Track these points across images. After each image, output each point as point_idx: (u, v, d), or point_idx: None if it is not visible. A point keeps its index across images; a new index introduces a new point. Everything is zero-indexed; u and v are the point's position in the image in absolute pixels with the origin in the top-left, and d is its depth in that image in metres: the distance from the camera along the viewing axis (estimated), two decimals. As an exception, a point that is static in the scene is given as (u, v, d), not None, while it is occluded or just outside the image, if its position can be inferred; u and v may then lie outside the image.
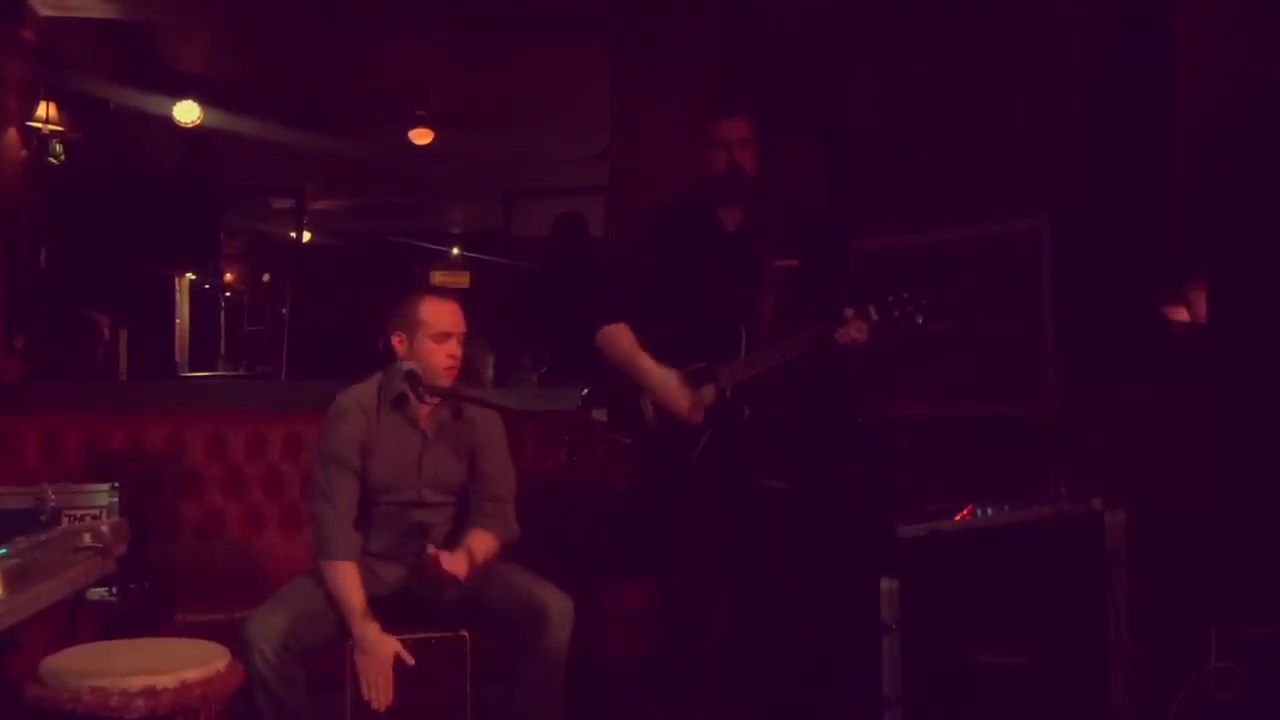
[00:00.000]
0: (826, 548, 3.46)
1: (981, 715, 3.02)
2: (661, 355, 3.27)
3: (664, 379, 3.23)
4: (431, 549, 2.92)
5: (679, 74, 5.05)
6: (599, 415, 3.99)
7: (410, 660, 2.85)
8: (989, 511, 3.10)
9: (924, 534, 3.07)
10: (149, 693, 2.28)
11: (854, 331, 3.16)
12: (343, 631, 2.91)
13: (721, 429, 3.23)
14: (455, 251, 14.17)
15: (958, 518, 3.10)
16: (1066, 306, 3.79)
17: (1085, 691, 2.98)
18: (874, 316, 3.16)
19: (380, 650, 2.84)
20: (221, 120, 8.18)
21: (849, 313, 3.16)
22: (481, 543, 3.03)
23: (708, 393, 3.24)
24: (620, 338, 3.31)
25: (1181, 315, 3.46)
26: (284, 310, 12.66)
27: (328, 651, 2.91)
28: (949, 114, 4.16)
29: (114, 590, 3.34)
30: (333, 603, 2.91)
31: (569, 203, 7.94)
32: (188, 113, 7.90)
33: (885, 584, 3.08)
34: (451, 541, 3.13)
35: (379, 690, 2.81)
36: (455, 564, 2.90)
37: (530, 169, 10.11)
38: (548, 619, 2.91)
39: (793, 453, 3.32)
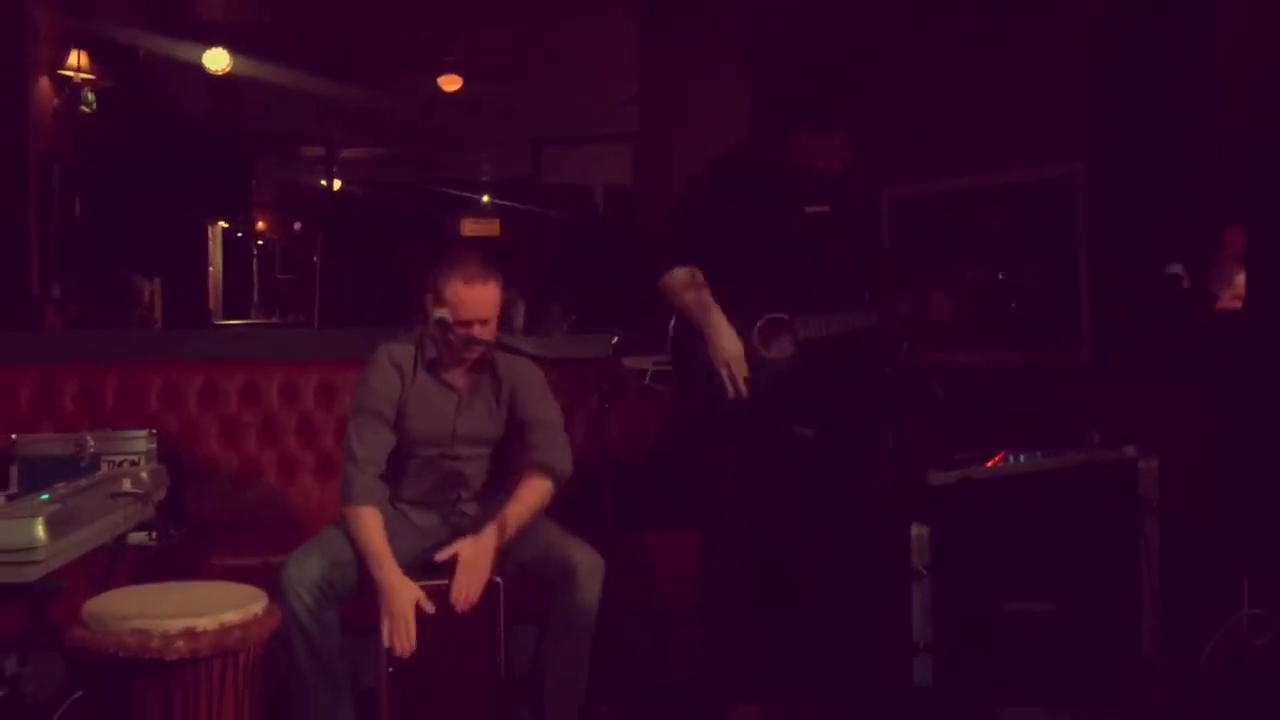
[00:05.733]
0: (855, 495, 3.46)
1: (1012, 661, 3.03)
2: (733, 305, 3.24)
3: (723, 323, 3.20)
4: (440, 556, 2.92)
5: (709, 20, 4.99)
6: (630, 363, 4.00)
7: (430, 608, 2.85)
8: (1021, 459, 3.09)
9: (955, 481, 3.06)
10: (189, 634, 2.31)
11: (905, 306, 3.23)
12: (366, 572, 2.93)
13: (787, 380, 3.23)
14: (485, 199, 14.14)
15: (989, 464, 3.09)
16: (1100, 252, 3.74)
17: (1116, 638, 2.99)
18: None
19: (402, 596, 2.84)
20: (251, 69, 8.17)
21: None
22: (527, 496, 3.03)
23: (785, 344, 3.25)
24: (687, 287, 3.26)
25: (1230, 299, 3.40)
26: (315, 259, 12.70)
27: (361, 596, 2.94)
28: (981, 60, 4.09)
29: (153, 535, 3.40)
30: (355, 546, 2.93)
31: (597, 149, 7.91)
32: (217, 60, 7.90)
33: (916, 530, 3.08)
34: (489, 488, 3.17)
35: (401, 636, 2.82)
36: (465, 593, 2.88)
37: (559, 116, 10.05)
38: (577, 576, 2.92)
39: (822, 401, 3.31)
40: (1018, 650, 3.02)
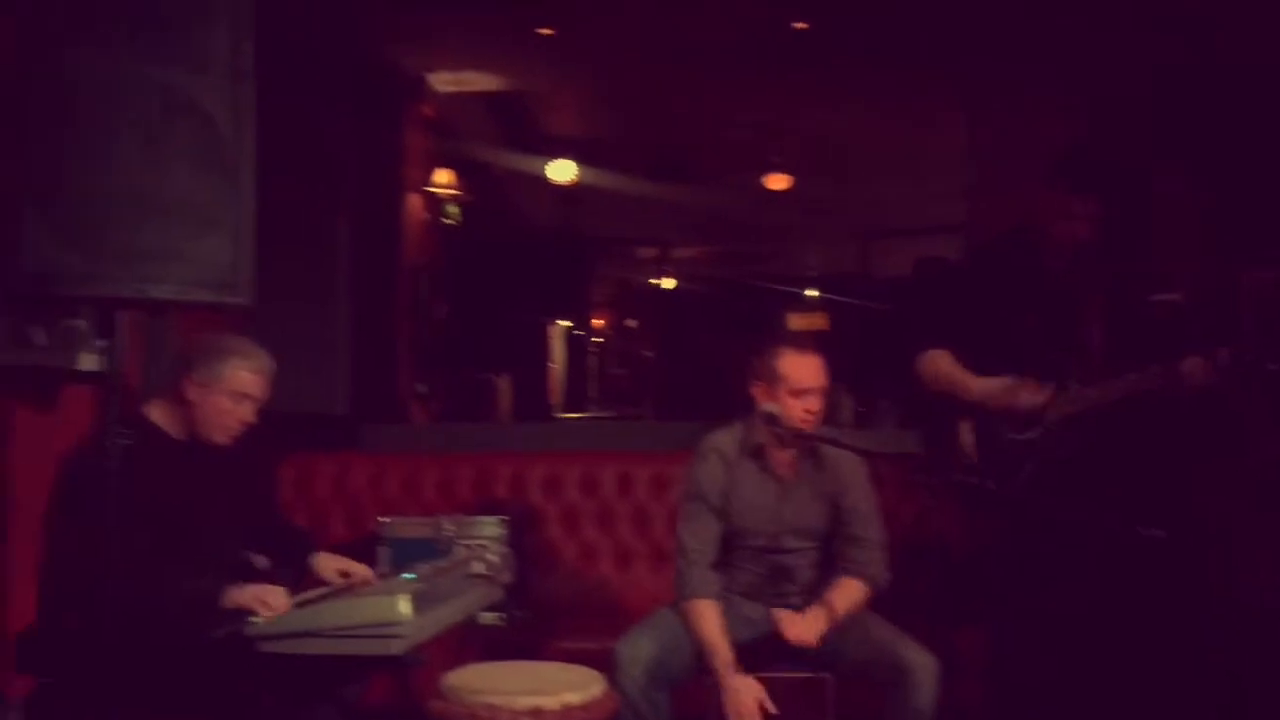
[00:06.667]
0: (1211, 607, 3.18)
1: None
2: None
3: (989, 381, 3.19)
4: (779, 613, 2.94)
5: (1036, 116, 4.88)
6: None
7: (773, 708, 2.84)
8: None
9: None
10: (535, 713, 2.45)
11: (1197, 373, 2.93)
12: (703, 664, 2.98)
13: (1042, 463, 3.13)
14: (813, 293, 14.24)
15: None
16: None
17: None
18: (1225, 361, 2.91)
19: (747, 695, 2.85)
20: (591, 176, 8.71)
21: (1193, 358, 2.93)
22: (846, 592, 3.02)
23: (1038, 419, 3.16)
24: (941, 360, 3.30)
25: None
26: (648, 354, 13.21)
27: (690, 682, 2.99)
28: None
29: (501, 616, 3.62)
30: (693, 639, 2.98)
31: (928, 242, 7.81)
32: (563, 172, 8.48)
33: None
34: (816, 584, 3.15)
35: None
36: (805, 632, 2.91)
37: (888, 210, 10.02)
38: (913, 678, 2.83)
39: (1164, 496, 3.10)
40: None
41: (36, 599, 2.73)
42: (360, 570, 2.91)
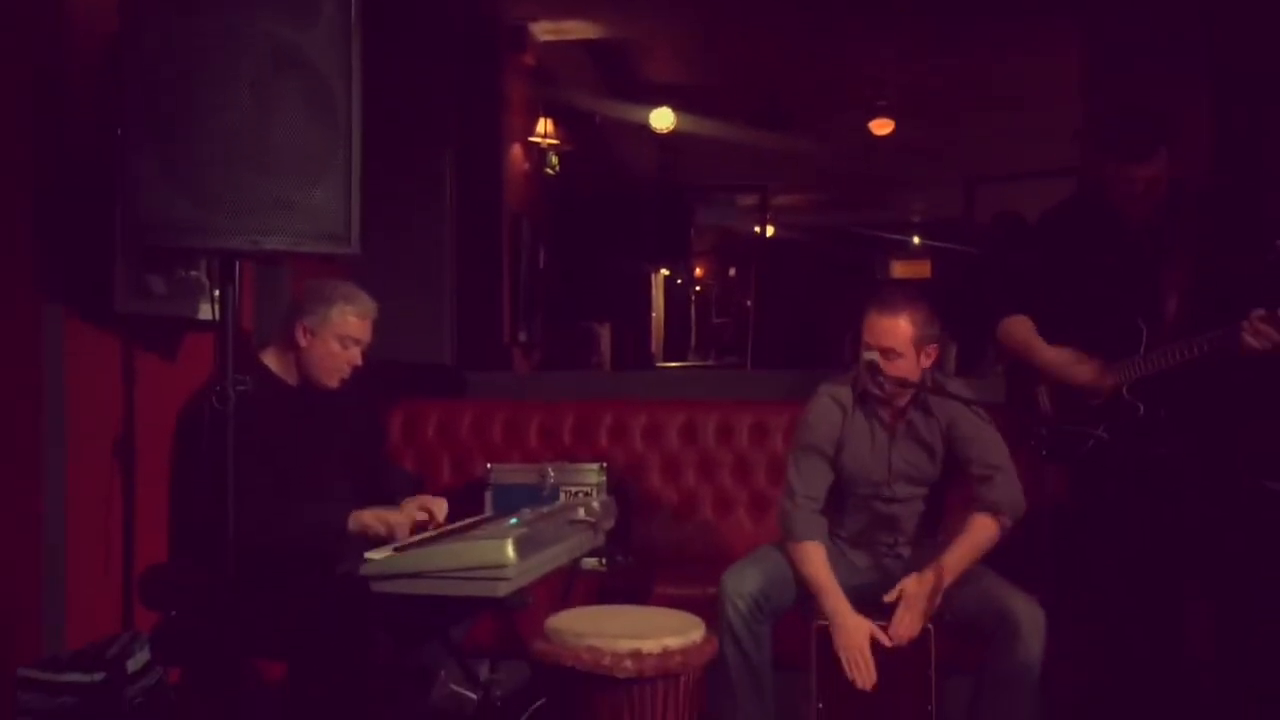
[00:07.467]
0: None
1: None
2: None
3: (1061, 354, 3.20)
4: (888, 596, 2.92)
5: (1154, 57, 4.69)
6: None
7: (888, 641, 2.85)
8: None
9: None
10: (636, 655, 2.49)
11: (1264, 335, 2.82)
12: (805, 603, 3.00)
13: (1115, 426, 3.11)
14: (916, 240, 14.01)
15: None
16: None
17: None
18: None
19: (858, 630, 2.87)
20: (692, 124, 8.66)
21: (1259, 313, 2.82)
22: (973, 539, 2.97)
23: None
24: (1018, 328, 3.30)
25: None
26: (748, 303, 13.16)
27: (792, 616, 3.00)
28: None
29: (603, 561, 3.68)
30: (799, 579, 3.00)
31: (1034, 186, 7.61)
32: (663, 119, 8.44)
33: None
34: (922, 534, 3.14)
35: (860, 670, 2.84)
36: (905, 628, 2.87)
37: (994, 153, 9.78)
38: (1019, 629, 2.80)
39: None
40: None
41: (168, 538, 2.86)
42: (438, 507, 2.98)
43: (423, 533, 2.80)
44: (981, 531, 2.98)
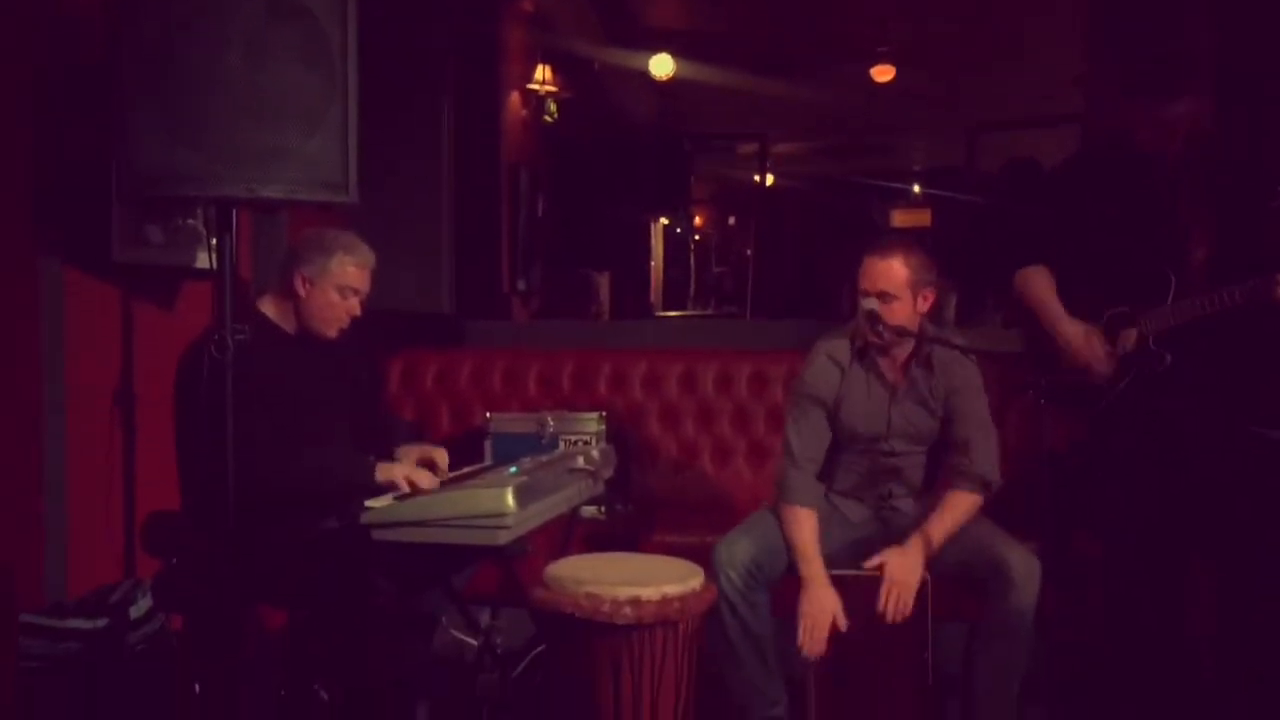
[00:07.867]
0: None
1: None
2: (1084, 299, 3.18)
3: (1073, 331, 3.16)
4: (868, 564, 2.92)
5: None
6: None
7: (844, 626, 2.86)
8: None
9: None
10: (635, 602, 2.51)
11: None
12: (797, 567, 2.99)
13: (1141, 375, 3.09)
14: (916, 189, 13.93)
15: None
16: None
17: None
18: None
19: (821, 603, 2.88)
20: (691, 71, 8.57)
21: None
22: (951, 513, 2.98)
23: (1129, 337, 3.09)
24: (1036, 280, 3.25)
25: None
26: (748, 252, 13.12)
27: (789, 580, 3.02)
28: None
29: (602, 509, 3.70)
30: (786, 542, 3.00)
31: (1037, 134, 7.56)
32: (662, 66, 8.35)
33: None
34: (923, 486, 3.15)
35: (812, 641, 2.86)
36: (892, 607, 2.87)
37: (997, 101, 9.69)
38: (1012, 578, 2.82)
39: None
40: None
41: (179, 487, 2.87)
42: (439, 457, 2.98)
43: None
44: (964, 503, 3.00)
